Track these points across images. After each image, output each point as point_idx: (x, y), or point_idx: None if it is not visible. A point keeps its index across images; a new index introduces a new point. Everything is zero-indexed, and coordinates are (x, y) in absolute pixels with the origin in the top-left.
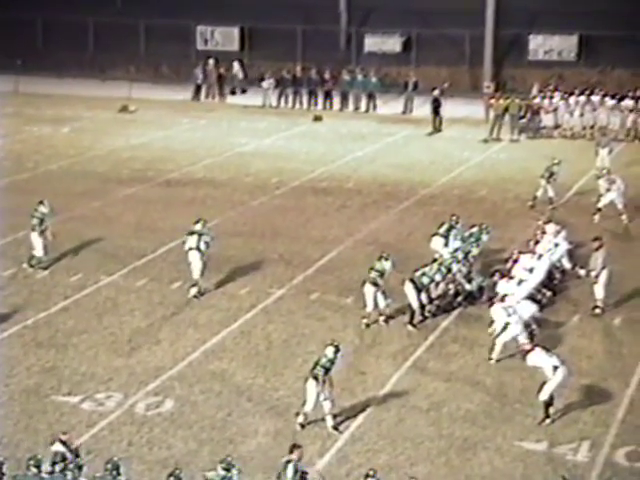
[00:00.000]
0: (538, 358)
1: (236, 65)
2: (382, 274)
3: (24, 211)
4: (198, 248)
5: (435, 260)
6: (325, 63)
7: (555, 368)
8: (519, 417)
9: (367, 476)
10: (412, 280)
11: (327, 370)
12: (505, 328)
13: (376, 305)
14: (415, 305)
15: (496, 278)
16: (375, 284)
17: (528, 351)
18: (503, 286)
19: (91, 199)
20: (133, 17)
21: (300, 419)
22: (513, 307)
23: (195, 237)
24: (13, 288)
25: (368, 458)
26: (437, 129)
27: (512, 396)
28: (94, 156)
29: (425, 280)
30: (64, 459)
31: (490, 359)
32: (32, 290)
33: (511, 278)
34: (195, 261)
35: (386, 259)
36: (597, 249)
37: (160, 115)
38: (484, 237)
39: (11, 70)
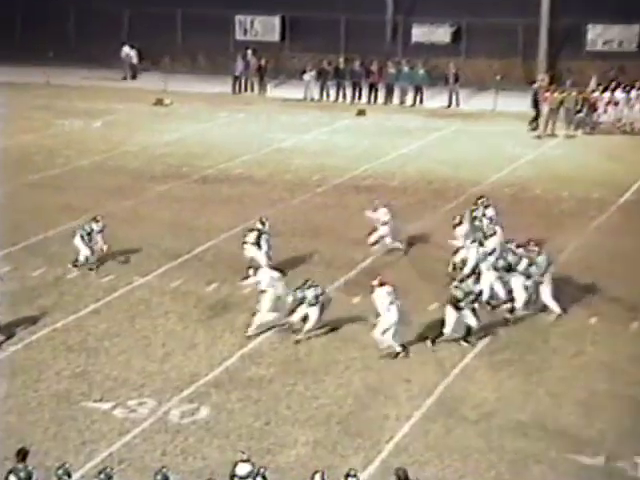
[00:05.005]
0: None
1: (127, 48)
2: (467, 294)
3: (54, 208)
4: (257, 244)
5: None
6: (370, 54)
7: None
8: (574, 429)
9: (347, 475)
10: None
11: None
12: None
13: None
14: (449, 329)
15: None
16: (457, 306)
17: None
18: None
19: (123, 197)
20: (170, 6)
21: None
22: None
23: (255, 233)
24: (42, 289)
25: (414, 470)
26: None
27: (566, 407)
28: (127, 151)
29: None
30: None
31: None
32: (62, 292)
33: None
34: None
35: (476, 281)
36: None
37: (196, 109)
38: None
39: (42, 61)
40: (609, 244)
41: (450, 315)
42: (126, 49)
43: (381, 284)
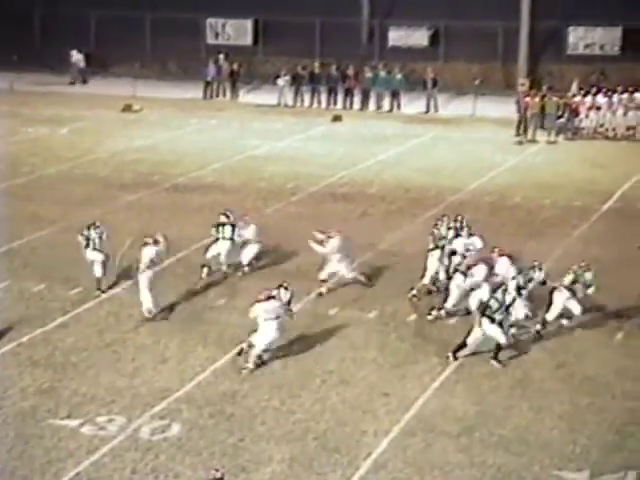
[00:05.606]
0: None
1: (75, 53)
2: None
3: (20, 218)
4: (232, 239)
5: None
6: (345, 58)
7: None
8: (558, 444)
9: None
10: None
11: None
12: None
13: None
14: (503, 340)
15: None
16: (492, 318)
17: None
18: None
19: (92, 206)
20: (138, 10)
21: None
22: None
23: (229, 227)
24: (7, 302)
25: None
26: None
27: (550, 421)
28: (95, 159)
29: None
30: None
31: None
32: (28, 305)
33: None
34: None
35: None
36: None
37: (167, 115)
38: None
39: (6, 66)
40: (592, 253)
41: (489, 328)
42: (74, 54)
43: (268, 298)
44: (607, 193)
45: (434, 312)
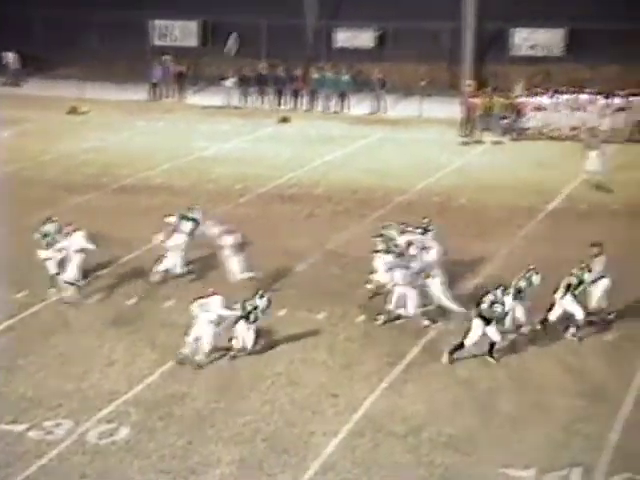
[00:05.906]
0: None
1: (10, 55)
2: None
3: None
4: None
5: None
6: (292, 60)
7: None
8: (505, 442)
9: None
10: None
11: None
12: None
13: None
14: (470, 341)
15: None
16: (486, 319)
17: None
18: None
19: (39, 208)
20: (84, 10)
21: None
22: None
23: (191, 224)
24: None
25: None
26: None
27: (497, 420)
28: (41, 162)
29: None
30: None
31: None
32: None
33: None
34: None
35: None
36: (596, 255)
37: (114, 117)
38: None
39: None
40: (537, 252)
41: (477, 328)
42: (9, 55)
43: (212, 294)
44: (552, 193)
45: (382, 317)
